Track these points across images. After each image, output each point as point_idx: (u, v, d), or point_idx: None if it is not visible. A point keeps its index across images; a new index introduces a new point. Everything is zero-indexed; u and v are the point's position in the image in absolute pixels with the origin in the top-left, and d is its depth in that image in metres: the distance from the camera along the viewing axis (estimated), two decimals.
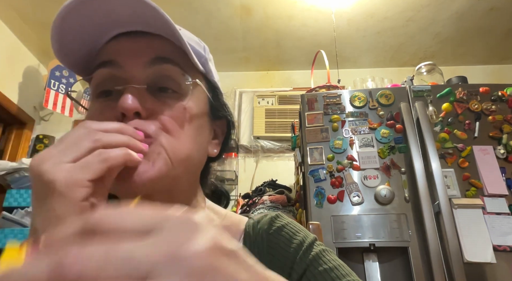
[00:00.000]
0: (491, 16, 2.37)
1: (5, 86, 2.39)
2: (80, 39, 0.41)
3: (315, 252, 0.44)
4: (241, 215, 0.53)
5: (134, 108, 0.38)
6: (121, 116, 0.38)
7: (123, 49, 0.42)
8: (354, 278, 0.43)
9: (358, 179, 1.48)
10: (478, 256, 1.27)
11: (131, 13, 0.39)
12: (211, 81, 0.48)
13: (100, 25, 0.41)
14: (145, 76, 0.41)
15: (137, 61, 0.41)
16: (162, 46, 0.42)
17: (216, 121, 0.50)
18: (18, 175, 2.18)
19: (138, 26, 0.42)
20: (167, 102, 0.41)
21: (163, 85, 0.41)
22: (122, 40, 0.42)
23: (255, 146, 2.73)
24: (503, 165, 1.45)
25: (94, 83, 0.42)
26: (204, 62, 0.46)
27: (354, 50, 2.74)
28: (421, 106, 1.52)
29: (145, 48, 0.42)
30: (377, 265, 1.37)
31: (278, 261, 0.44)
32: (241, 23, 2.46)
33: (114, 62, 0.41)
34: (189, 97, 0.42)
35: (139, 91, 0.39)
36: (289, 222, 0.49)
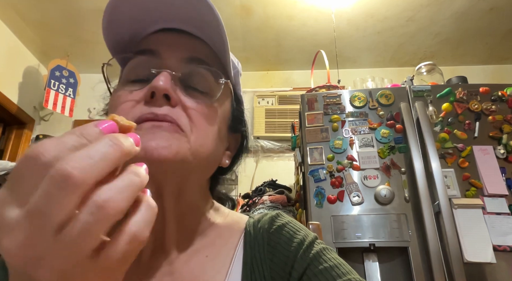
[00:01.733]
0: (491, 16, 2.37)
1: (5, 86, 2.39)
2: (129, 24, 0.43)
3: (316, 251, 0.44)
4: (242, 214, 0.53)
5: (165, 89, 0.38)
6: (150, 96, 0.38)
7: (165, 41, 0.43)
8: (355, 276, 0.42)
9: (358, 179, 1.48)
10: (478, 256, 1.27)
11: (191, 9, 0.41)
12: (237, 94, 0.50)
13: (152, 15, 0.42)
14: (181, 69, 0.42)
15: (176, 55, 0.42)
16: (201, 48, 0.44)
17: (232, 134, 0.50)
18: None
19: (188, 25, 0.44)
20: (197, 97, 0.42)
21: (195, 85, 0.42)
22: (166, 34, 0.44)
23: (255, 146, 2.73)
24: (503, 165, 1.45)
25: (130, 67, 0.43)
26: (235, 74, 0.48)
27: (354, 50, 2.74)
28: (421, 106, 1.52)
29: (184, 45, 0.43)
30: (377, 265, 1.37)
31: (279, 260, 0.44)
32: (241, 23, 2.46)
33: (154, 51, 0.42)
34: (217, 101, 0.44)
35: (174, 77, 0.40)
36: (290, 221, 0.49)
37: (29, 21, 2.40)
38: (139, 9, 0.42)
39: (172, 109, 0.39)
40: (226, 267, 0.44)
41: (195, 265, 0.44)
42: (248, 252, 0.44)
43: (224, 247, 0.46)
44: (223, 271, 0.43)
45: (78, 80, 2.68)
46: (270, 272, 0.43)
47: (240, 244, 0.46)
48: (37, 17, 2.36)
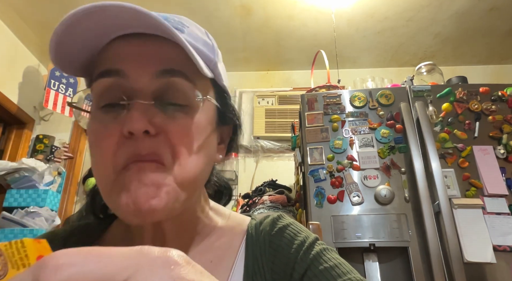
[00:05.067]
0: (491, 16, 2.37)
1: (5, 86, 2.39)
2: (79, 46, 0.39)
3: (316, 251, 0.44)
4: (244, 215, 0.53)
5: (142, 128, 0.36)
6: (128, 134, 0.36)
7: (128, 56, 0.39)
8: (355, 275, 0.42)
9: (358, 179, 1.48)
10: (478, 256, 1.26)
11: (130, 18, 0.37)
12: (220, 85, 0.46)
13: (98, 30, 0.38)
14: (153, 88, 0.38)
15: (144, 72, 0.38)
16: (170, 52, 0.39)
17: (223, 126, 0.48)
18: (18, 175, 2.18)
19: (139, 29, 0.40)
20: (177, 117, 0.39)
21: (172, 99, 0.39)
22: (125, 44, 0.39)
23: (255, 146, 2.73)
24: (503, 165, 1.45)
25: (97, 92, 0.40)
26: (213, 67, 0.43)
27: (354, 50, 2.74)
28: (421, 106, 1.52)
29: (151, 56, 0.39)
30: (377, 265, 1.37)
31: (280, 262, 0.44)
32: (241, 23, 2.46)
33: (119, 71, 0.38)
34: (199, 111, 0.41)
35: (147, 107, 0.37)
36: (291, 223, 0.48)
37: (29, 21, 2.40)
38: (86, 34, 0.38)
39: (154, 142, 0.37)
40: (228, 269, 0.44)
41: None
42: (250, 255, 0.44)
43: (226, 249, 0.46)
44: (225, 272, 0.43)
45: (78, 80, 2.68)
46: (271, 274, 0.43)
47: (242, 246, 0.46)
48: (37, 17, 2.36)
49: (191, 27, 0.42)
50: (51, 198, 2.24)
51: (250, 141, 2.75)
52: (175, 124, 0.38)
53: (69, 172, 2.58)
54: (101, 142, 0.38)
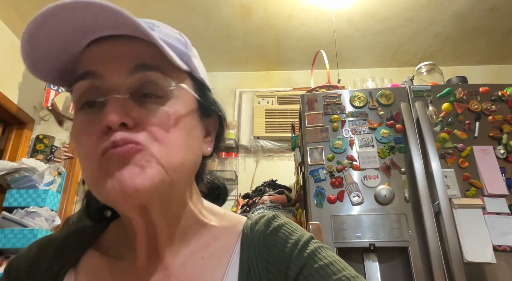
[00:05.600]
0: (491, 16, 2.37)
1: (5, 86, 2.39)
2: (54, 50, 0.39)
3: (311, 250, 0.44)
4: (240, 215, 0.53)
5: (118, 120, 0.37)
6: (106, 129, 0.37)
7: (103, 58, 0.40)
8: (350, 272, 0.42)
9: (358, 179, 1.48)
10: (478, 256, 1.26)
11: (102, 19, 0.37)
12: (197, 78, 0.47)
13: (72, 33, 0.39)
14: (128, 84, 0.39)
15: (118, 70, 0.39)
16: (143, 50, 0.40)
17: (207, 119, 0.49)
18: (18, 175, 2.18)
19: (113, 30, 0.40)
20: (153, 108, 0.40)
21: (147, 91, 0.40)
22: (101, 47, 0.40)
23: (255, 146, 2.73)
24: (503, 165, 1.45)
25: (76, 95, 0.41)
26: (187, 60, 0.44)
27: (354, 50, 2.74)
28: (421, 106, 1.52)
29: (125, 55, 0.40)
30: (377, 265, 1.37)
31: (275, 261, 0.44)
32: (241, 23, 2.46)
33: (94, 73, 0.39)
34: (175, 101, 0.41)
35: (123, 101, 0.38)
36: (286, 222, 0.48)
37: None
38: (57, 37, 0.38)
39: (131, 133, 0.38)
40: (223, 269, 0.44)
41: (191, 267, 0.44)
42: (245, 254, 0.44)
43: (221, 248, 0.46)
44: (220, 272, 0.43)
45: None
46: (266, 274, 0.43)
47: (237, 246, 0.46)
48: None
49: (162, 27, 0.44)
50: (51, 198, 2.24)
51: (250, 141, 2.75)
52: (153, 115, 0.39)
53: (69, 172, 2.58)
54: (83, 141, 0.39)
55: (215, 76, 3.00)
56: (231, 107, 2.90)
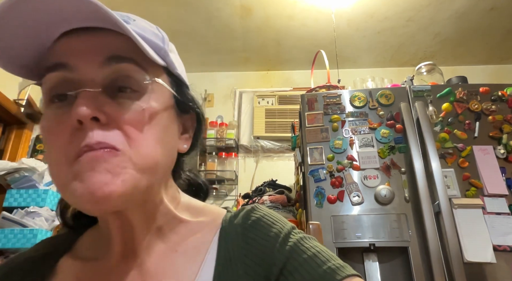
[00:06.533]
0: (491, 16, 2.37)
1: (5, 86, 2.39)
2: (21, 41, 0.38)
3: (293, 242, 0.43)
4: (220, 208, 0.51)
5: (89, 114, 0.35)
6: (77, 124, 0.35)
7: (75, 49, 0.38)
8: (335, 262, 0.41)
9: (358, 179, 1.48)
10: (478, 256, 1.27)
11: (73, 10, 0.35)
12: (175, 74, 0.45)
13: (41, 24, 0.37)
14: (101, 77, 0.38)
15: (91, 62, 0.38)
16: (117, 42, 0.39)
17: (184, 115, 0.47)
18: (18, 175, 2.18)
19: (85, 22, 0.38)
20: (127, 103, 0.38)
21: (121, 85, 0.38)
22: (72, 39, 0.38)
23: (255, 146, 2.73)
24: (503, 165, 1.45)
25: (46, 88, 0.39)
26: (164, 55, 0.42)
27: (354, 50, 2.74)
28: (421, 106, 1.52)
29: (98, 47, 0.38)
30: (377, 265, 1.37)
31: (254, 256, 0.42)
32: (241, 23, 2.46)
33: (65, 64, 0.37)
34: (150, 96, 0.40)
35: (95, 95, 0.36)
36: (266, 214, 0.47)
37: None
38: (26, 25, 0.36)
39: (104, 131, 0.36)
40: (199, 262, 0.42)
41: (165, 263, 0.43)
42: (222, 248, 0.43)
43: (197, 243, 0.45)
44: (195, 266, 0.42)
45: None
46: (244, 268, 0.41)
47: (215, 239, 0.44)
48: None
49: (138, 21, 0.42)
50: (51, 198, 2.24)
51: (250, 141, 2.75)
52: (126, 111, 0.37)
53: None
54: (54, 138, 0.37)
55: (215, 76, 3.00)
56: (231, 107, 2.91)
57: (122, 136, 0.37)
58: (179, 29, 2.48)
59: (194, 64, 2.88)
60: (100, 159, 0.35)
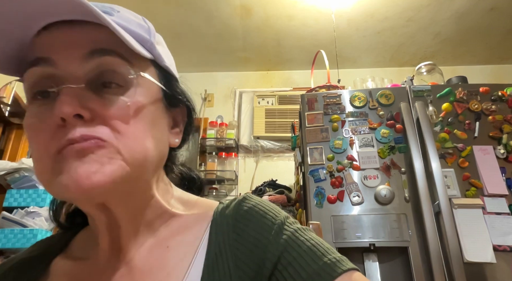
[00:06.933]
0: (491, 16, 2.38)
1: None
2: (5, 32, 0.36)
3: (287, 236, 0.41)
4: (213, 201, 0.50)
5: (72, 112, 0.34)
6: (61, 122, 0.34)
7: (56, 43, 0.36)
8: (332, 255, 0.40)
9: (358, 179, 1.48)
10: (478, 256, 1.27)
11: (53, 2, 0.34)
12: (163, 67, 0.44)
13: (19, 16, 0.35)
14: (84, 72, 0.36)
15: (73, 56, 0.36)
16: (100, 35, 0.37)
17: (174, 109, 0.46)
18: (18, 175, 2.18)
19: (67, 15, 0.36)
20: (112, 99, 0.37)
21: (105, 80, 0.37)
22: (54, 32, 0.37)
23: (255, 146, 2.73)
24: (503, 165, 1.45)
25: (28, 84, 0.38)
26: (150, 47, 0.41)
27: (354, 50, 2.74)
28: (421, 106, 1.52)
29: (80, 40, 0.37)
30: (377, 265, 1.37)
31: (245, 248, 0.40)
32: (241, 23, 2.46)
33: (47, 59, 0.36)
34: (136, 90, 0.38)
35: (78, 91, 0.35)
36: (258, 203, 0.45)
37: None
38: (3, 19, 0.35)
39: (88, 126, 0.35)
40: (190, 256, 0.41)
41: (155, 258, 0.42)
42: (213, 240, 0.41)
43: (189, 236, 0.43)
44: (186, 260, 0.41)
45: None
46: (235, 260, 0.40)
47: (206, 233, 0.43)
48: None
49: (122, 12, 0.40)
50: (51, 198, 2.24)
51: (250, 141, 2.75)
52: (111, 106, 0.36)
53: None
54: (37, 135, 0.36)
55: (215, 76, 3.00)
56: (231, 107, 2.91)
57: (108, 130, 0.36)
58: (179, 29, 2.48)
59: (194, 64, 2.89)
60: (87, 150, 0.34)
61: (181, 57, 2.70)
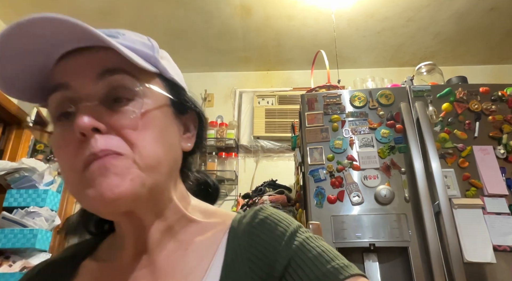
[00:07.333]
0: (491, 16, 2.37)
1: None
2: (21, 70, 0.41)
3: (299, 241, 0.44)
4: (231, 212, 0.53)
5: (89, 125, 0.38)
6: (81, 136, 0.39)
7: (71, 69, 0.42)
8: (340, 261, 0.42)
9: (358, 179, 1.48)
10: (478, 256, 1.27)
11: (64, 34, 0.39)
12: (168, 78, 0.48)
13: (35, 52, 0.40)
14: (96, 91, 0.41)
15: (85, 78, 0.41)
16: (108, 57, 0.42)
17: (184, 115, 0.50)
18: (18, 175, 2.18)
19: (77, 43, 0.42)
20: (123, 111, 0.41)
21: (116, 95, 0.42)
22: (68, 60, 0.42)
23: (255, 146, 2.73)
24: (503, 165, 1.45)
25: (51, 108, 0.43)
26: (155, 62, 0.45)
27: (354, 50, 2.74)
28: (421, 106, 1.52)
29: (91, 64, 0.42)
30: (377, 265, 1.37)
31: (259, 253, 0.43)
32: (241, 23, 2.46)
33: (64, 84, 0.41)
34: (143, 101, 0.42)
35: (92, 108, 0.40)
36: (272, 213, 0.48)
37: None
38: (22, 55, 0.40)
39: (106, 139, 0.39)
40: (209, 258, 0.44)
41: (175, 259, 0.45)
42: (230, 245, 0.45)
43: (207, 241, 0.46)
44: (205, 262, 0.44)
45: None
46: (250, 265, 0.42)
47: (224, 238, 0.46)
48: None
49: (127, 34, 0.45)
50: (51, 198, 2.24)
51: (250, 141, 2.75)
52: (123, 117, 0.40)
53: None
54: (62, 153, 0.41)
55: (215, 76, 3.00)
56: (231, 107, 2.91)
57: (123, 142, 0.40)
58: (179, 29, 2.48)
59: (194, 64, 2.88)
60: (107, 164, 0.38)
61: (181, 57, 2.70)
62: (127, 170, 0.39)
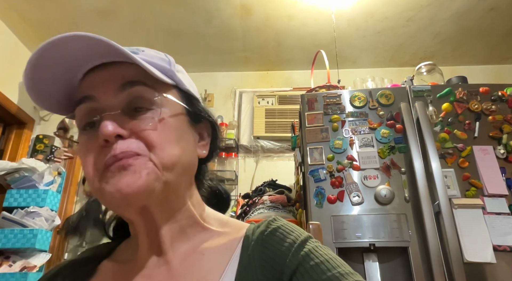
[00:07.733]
0: (491, 16, 2.38)
1: (5, 86, 2.39)
2: (53, 84, 0.46)
3: (307, 249, 0.46)
4: (244, 222, 0.55)
5: (113, 132, 0.42)
6: (104, 142, 0.42)
7: (95, 83, 0.46)
8: (345, 269, 0.44)
9: (358, 179, 1.48)
10: (478, 256, 1.27)
11: (90, 51, 0.43)
12: (184, 90, 0.52)
13: (66, 68, 0.45)
14: (118, 101, 0.45)
15: (109, 90, 0.45)
16: (129, 70, 0.46)
17: (198, 124, 0.53)
18: (18, 175, 2.18)
19: (102, 59, 0.46)
20: (143, 118, 0.45)
21: (136, 105, 0.45)
22: (94, 74, 0.47)
23: (255, 146, 2.73)
24: (503, 165, 1.45)
25: (77, 119, 0.47)
26: (171, 75, 0.49)
27: (354, 50, 2.74)
28: (421, 106, 1.52)
29: (113, 77, 0.46)
30: (377, 265, 1.37)
31: (270, 259, 0.45)
32: (241, 23, 2.46)
33: (89, 96, 0.46)
34: (161, 109, 0.46)
35: (115, 116, 0.44)
36: (284, 224, 0.51)
37: (29, 21, 2.40)
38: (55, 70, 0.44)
39: (127, 143, 0.43)
40: (224, 263, 0.46)
41: (191, 263, 0.47)
42: (244, 253, 0.47)
43: (222, 248, 0.49)
44: (220, 268, 0.46)
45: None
46: (262, 271, 0.45)
47: (238, 246, 0.48)
48: (37, 16, 2.36)
49: (147, 51, 0.49)
50: (51, 198, 2.24)
51: (250, 141, 2.75)
52: (144, 124, 0.44)
53: (69, 172, 2.58)
54: (86, 158, 0.45)
55: (215, 76, 3.00)
56: (231, 107, 2.90)
57: (143, 144, 0.44)
58: (179, 29, 2.48)
59: (194, 64, 2.88)
60: (125, 164, 0.42)
61: (181, 57, 2.70)
62: (144, 165, 0.42)
